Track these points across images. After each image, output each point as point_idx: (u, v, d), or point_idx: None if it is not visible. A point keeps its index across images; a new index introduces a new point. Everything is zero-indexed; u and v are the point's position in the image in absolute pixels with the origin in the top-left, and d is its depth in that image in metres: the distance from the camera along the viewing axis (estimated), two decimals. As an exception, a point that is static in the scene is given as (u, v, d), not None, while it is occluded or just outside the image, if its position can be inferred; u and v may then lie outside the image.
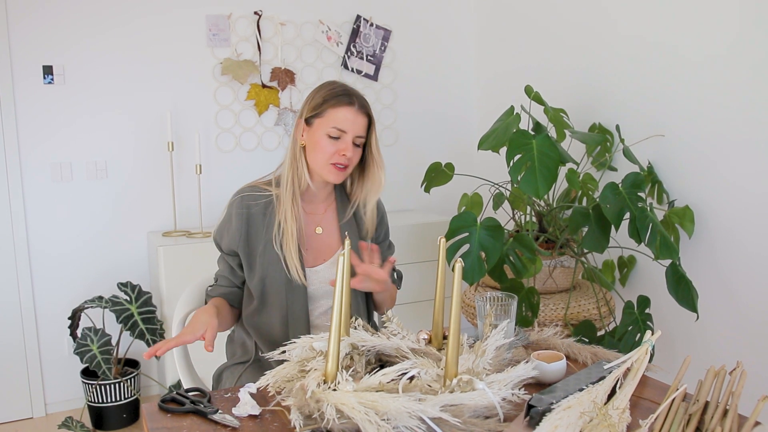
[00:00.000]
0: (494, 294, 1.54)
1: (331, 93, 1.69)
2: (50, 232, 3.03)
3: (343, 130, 1.66)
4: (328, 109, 1.67)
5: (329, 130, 1.66)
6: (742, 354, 2.30)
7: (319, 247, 1.77)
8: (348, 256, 1.32)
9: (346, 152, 1.66)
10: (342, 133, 1.66)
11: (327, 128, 1.67)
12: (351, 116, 1.67)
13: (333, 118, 1.67)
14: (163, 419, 1.28)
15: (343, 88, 1.70)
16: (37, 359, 3.04)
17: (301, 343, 1.38)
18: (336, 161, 1.67)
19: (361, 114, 1.68)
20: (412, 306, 3.26)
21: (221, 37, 3.20)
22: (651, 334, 1.42)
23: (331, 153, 1.67)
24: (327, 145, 1.67)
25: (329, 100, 1.68)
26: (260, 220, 1.70)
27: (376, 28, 3.49)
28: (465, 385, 1.20)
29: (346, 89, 1.70)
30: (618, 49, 2.74)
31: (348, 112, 1.67)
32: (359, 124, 1.68)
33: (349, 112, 1.67)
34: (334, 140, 1.67)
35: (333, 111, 1.67)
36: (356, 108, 1.67)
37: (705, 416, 1.18)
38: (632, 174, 2.28)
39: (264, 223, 1.70)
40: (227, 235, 1.72)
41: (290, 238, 1.67)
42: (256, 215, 1.70)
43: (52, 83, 2.96)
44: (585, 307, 2.46)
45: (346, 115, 1.66)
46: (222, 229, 1.74)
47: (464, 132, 3.77)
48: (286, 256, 1.67)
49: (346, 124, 1.66)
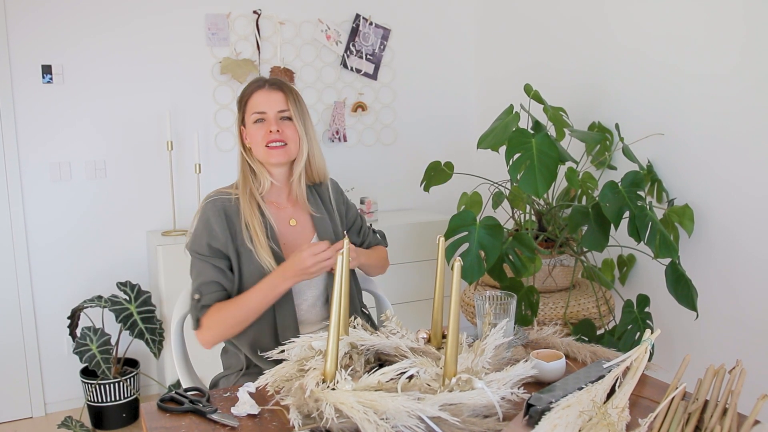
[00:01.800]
0: (493, 293, 1.53)
1: (245, 89, 1.78)
2: (49, 232, 3.03)
3: (261, 112, 1.72)
4: (246, 102, 1.76)
5: (252, 117, 1.73)
6: (742, 352, 2.30)
7: (295, 239, 1.77)
8: (347, 254, 1.32)
9: (271, 128, 1.71)
10: (262, 114, 1.72)
11: (250, 118, 1.74)
12: (264, 97, 1.73)
13: (251, 106, 1.74)
14: (162, 419, 1.28)
15: (255, 79, 1.79)
16: (36, 359, 3.04)
17: (299, 342, 1.38)
18: (268, 140, 1.71)
19: (273, 90, 1.74)
20: (411, 305, 3.26)
21: (220, 36, 3.20)
22: (650, 333, 1.42)
23: (261, 136, 1.72)
24: (256, 132, 1.73)
25: (244, 94, 1.77)
26: (235, 221, 1.71)
27: (376, 27, 3.49)
28: (464, 384, 1.20)
29: (257, 78, 1.79)
30: (617, 47, 2.74)
31: (260, 95, 1.73)
32: (274, 100, 1.73)
33: (261, 94, 1.73)
34: (259, 124, 1.73)
35: (249, 101, 1.75)
36: (266, 88, 1.74)
37: (704, 415, 1.18)
38: (632, 173, 2.28)
39: (239, 225, 1.70)
40: (210, 237, 1.68)
41: (257, 237, 1.68)
42: (231, 216, 1.71)
43: (51, 83, 2.95)
44: (584, 306, 2.46)
45: (259, 98, 1.73)
46: (200, 235, 1.69)
47: (463, 131, 3.77)
48: (259, 253, 1.67)
49: (261, 105, 1.72)
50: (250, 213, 1.70)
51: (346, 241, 1.40)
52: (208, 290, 1.67)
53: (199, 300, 1.66)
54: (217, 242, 1.68)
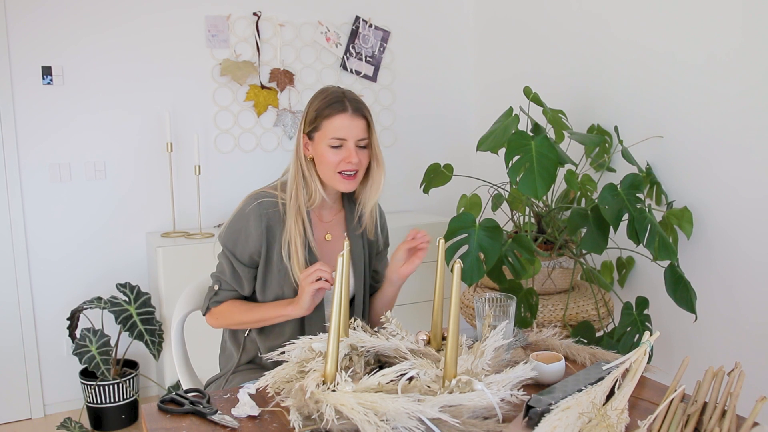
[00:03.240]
0: (493, 295, 1.54)
1: (323, 103, 1.66)
2: (49, 233, 3.03)
3: (342, 138, 1.63)
4: (323, 122, 1.65)
5: (329, 141, 1.64)
6: (741, 355, 2.30)
7: (329, 254, 1.75)
8: (347, 256, 1.32)
9: (350, 159, 1.63)
10: (342, 141, 1.64)
11: (327, 140, 1.64)
12: (347, 123, 1.63)
13: (330, 129, 1.64)
14: (163, 420, 1.28)
15: (335, 96, 1.66)
16: (35, 360, 3.04)
17: (299, 343, 1.38)
18: (342, 169, 1.65)
19: (357, 117, 1.64)
20: (411, 307, 3.26)
21: (220, 38, 3.21)
22: (649, 335, 1.42)
23: (336, 163, 1.64)
24: (331, 156, 1.64)
25: (322, 111, 1.65)
26: (277, 230, 1.67)
27: (375, 29, 3.50)
28: (464, 385, 1.20)
29: (337, 96, 1.66)
30: (616, 50, 2.75)
31: (343, 120, 1.63)
32: (357, 128, 1.64)
33: (344, 119, 1.63)
34: (336, 149, 1.64)
35: (328, 122, 1.64)
36: (350, 113, 1.64)
37: (703, 417, 1.18)
38: (631, 175, 2.29)
39: (280, 232, 1.67)
40: (245, 242, 1.67)
41: (296, 255, 1.65)
42: (274, 226, 1.67)
43: (51, 84, 2.96)
44: (583, 308, 2.46)
45: (341, 123, 1.63)
46: (237, 235, 1.67)
47: (463, 133, 3.77)
48: (294, 270, 1.65)
49: (343, 131, 1.63)
50: (295, 230, 1.65)
51: (347, 244, 1.41)
52: (226, 287, 1.72)
53: (216, 293, 1.72)
54: (248, 249, 1.67)
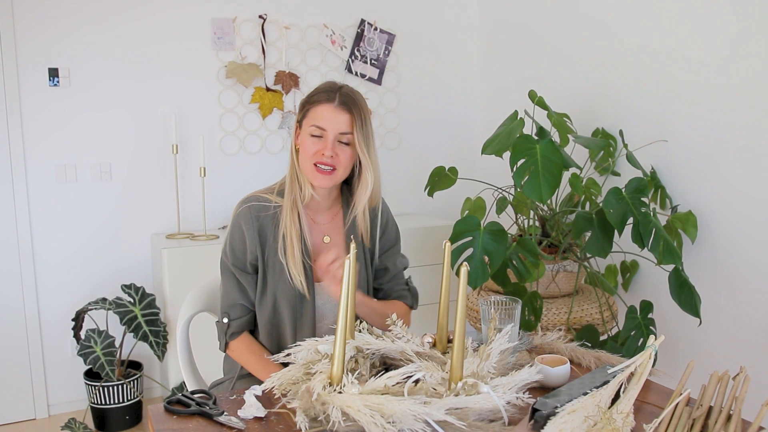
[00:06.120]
0: (498, 298, 1.54)
1: (315, 91, 1.64)
2: (54, 234, 3.04)
3: (322, 128, 1.59)
4: (310, 108, 1.62)
5: (310, 129, 1.61)
6: (746, 359, 2.30)
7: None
8: (354, 260, 1.33)
9: (325, 151, 1.59)
10: (322, 131, 1.60)
11: (308, 127, 1.62)
12: (329, 113, 1.59)
13: (313, 117, 1.61)
14: (169, 421, 1.28)
15: (329, 86, 1.64)
16: (40, 360, 3.05)
17: (306, 346, 1.38)
18: (318, 161, 1.60)
19: (342, 110, 1.60)
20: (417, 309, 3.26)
21: (226, 40, 3.22)
22: (654, 339, 1.42)
23: (312, 153, 1.60)
24: (309, 145, 1.61)
25: (311, 97, 1.63)
26: (270, 232, 1.65)
27: (380, 32, 3.50)
28: (470, 388, 1.21)
29: (331, 86, 1.64)
30: (621, 54, 2.75)
31: (326, 109, 1.60)
32: (339, 121, 1.59)
33: (327, 109, 1.60)
34: (315, 139, 1.60)
35: (314, 109, 1.61)
36: (335, 104, 1.60)
37: (708, 421, 1.18)
38: (635, 179, 2.29)
39: (273, 234, 1.65)
40: (242, 246, 1.65)
41: (292, 250, 1.62)
42: (265, 226, 1.65)
43: (57, 85, 2.97)
44: (588, 312, 2.46)
45: (324, 112, 1.60)
46: (233, 241, 1.66)
47: (468, 136, 3.78)
48: (290, 267, 1.62)
49: (324, 121, 1.59)
50: (291, 224, 1.62)
51: (353, 246, 1.41)
52: (236, 314, 1.67)
53: (228, 326, 1.67)
54: (246, 253, 1.65)
